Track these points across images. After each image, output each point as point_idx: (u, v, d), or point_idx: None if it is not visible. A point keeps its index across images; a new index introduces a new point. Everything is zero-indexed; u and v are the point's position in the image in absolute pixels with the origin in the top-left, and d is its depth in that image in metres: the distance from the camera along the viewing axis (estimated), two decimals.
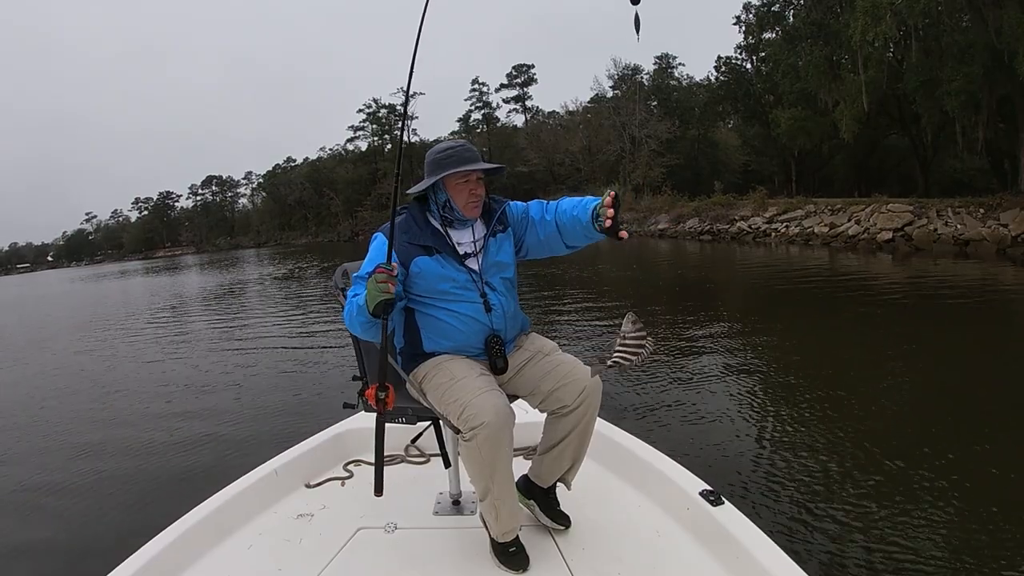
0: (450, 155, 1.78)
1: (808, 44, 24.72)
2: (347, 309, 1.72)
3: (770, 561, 1.55)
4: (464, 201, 1.80)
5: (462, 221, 1.84)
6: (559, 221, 1.81)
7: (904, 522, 2.73)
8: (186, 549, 1.84)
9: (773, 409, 4.39)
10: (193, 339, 9.87)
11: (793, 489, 3.13)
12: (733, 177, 36.45)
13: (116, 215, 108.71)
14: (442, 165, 1.77)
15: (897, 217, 16.50)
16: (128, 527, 3.00)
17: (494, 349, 1.80)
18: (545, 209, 1.88)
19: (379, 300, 1.58)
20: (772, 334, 6.89)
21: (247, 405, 5.44)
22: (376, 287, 1.57)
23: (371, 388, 1.64)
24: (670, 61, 44.01)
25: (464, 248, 1.83)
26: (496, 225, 1.87)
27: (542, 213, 1.88)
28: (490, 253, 1.84)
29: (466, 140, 1.88)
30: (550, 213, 1.85)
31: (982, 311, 7.83)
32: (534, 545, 1.80)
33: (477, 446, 1.60)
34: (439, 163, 1.78)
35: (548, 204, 1.89)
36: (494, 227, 1.86)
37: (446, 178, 1.78)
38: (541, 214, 1.88)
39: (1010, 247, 13.60)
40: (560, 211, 1.82)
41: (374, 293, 1.58)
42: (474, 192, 1.80)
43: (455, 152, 1.79)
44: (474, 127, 61.80)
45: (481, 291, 1.81)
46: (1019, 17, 15.66)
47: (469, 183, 1.79)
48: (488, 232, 1.86)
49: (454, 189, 1.80)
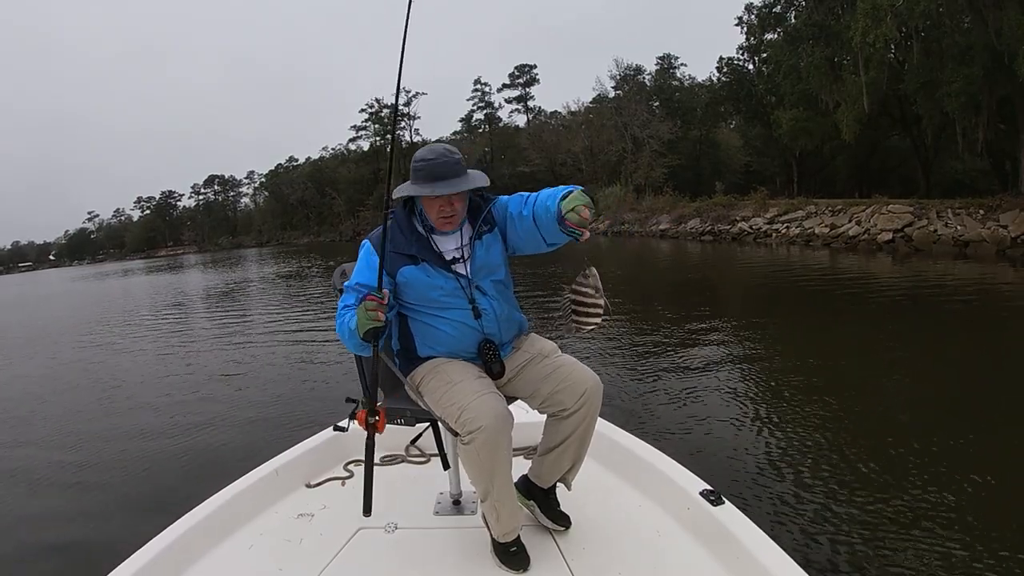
0: (423, 168, 1.68)
1: (809, 45, 24.69)
2: (339, 324, 1.71)
3: (771, 561, 1.55)
4: (435, 217, 1.74)
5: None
6: (536, 213, 1.69)
7: (904, 522, 2.72)
8: (187, 549, 1.84)
9: (774, 409, 4.39)
10: (194, 338, 9.89)
11: (794, 489, 3.12)
12: (735, 178, 36.40)
13: (118, 214, 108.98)
14: (415, 178, 1.70)
15: (897, 218, 16.49)
16: (128, 527, 2.99)
17: (488, 355, 1.77)
18: (524, 202, 1.76)
19: (369, 328, 1.58)
20: (773, 334, 6.88)
21: (247, 405, 5.45)
22: (366, 315, 1.56)
23: (361, 412, 1.65)
24: (672, 61, 44.00)
25: (450, 254, 1.78)
26: (482, 226, 1.78)
27: (520, 207, 1.76)
28: (477, 257, 1.78)
29: (449, 148, 1.71)
30: (528, 207, 1.73)
31: (980, 312, 7.83)
32: (535, 545, 1.80)
33: (475, 449, 1.59)
34: (413, 174, 1.71)
35: (528, 196, 1.77)
36: (480, 228, 1.78)
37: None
38: (519, 208, 1.76)
39: (1009, 248, 13.59)
40: (537, 203, 1.70)
41: (364, 320, 1.57)
42: (444, 209, 1.71)
43: (429, 167, 1.67)
44: (476, 127, 61.90)
45: (469, 296, 1.76)
46: (1019, 18, 15.64)
47: (439, 200, 1.70)
48: (474, 235, 1.78)
49: (426, 203, 1.74)
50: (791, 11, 28.08)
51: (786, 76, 26.41)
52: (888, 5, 17.78)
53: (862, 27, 18.65)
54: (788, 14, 28.29)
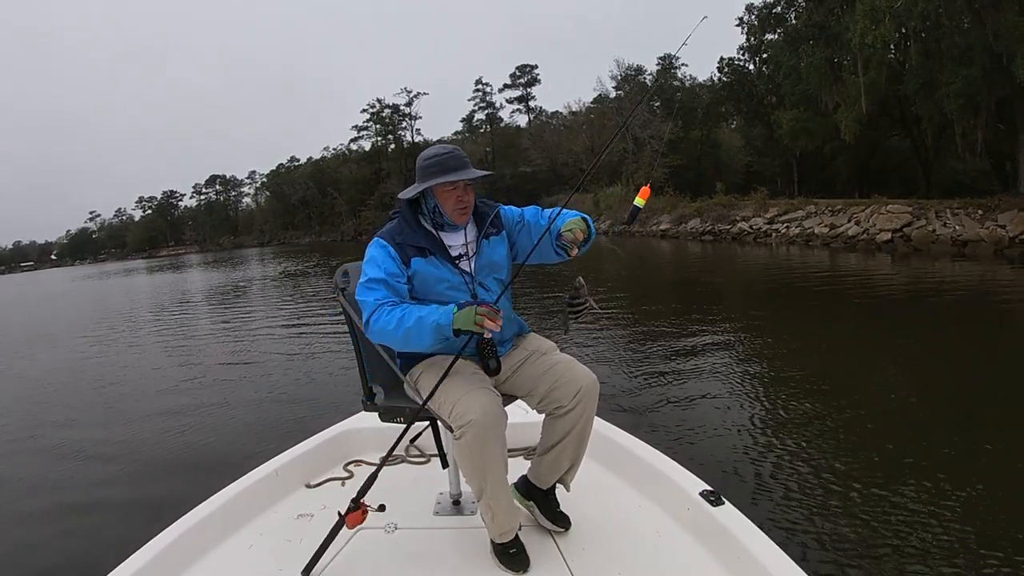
0: (436, 163, 1.78)
1: (809, 46, 24.71)
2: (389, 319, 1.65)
3: (770, 561, 1.55)
4: (451, 208, 1.81)
5: (452, 225, 1.85)
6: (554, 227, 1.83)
7: (904, 521, 2.73)
8: (187, 549, 1.84)
9: (773, 409, 4.39)
10: (194, 338, 9.90)
11: (794, 489, 3.13)
12: (736, 178, 36.37)
13: (120, 214, 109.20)
14: (429, 173, 1.78)
15: (896, 218, 16.55)
16: (129, 526, 3.00)
17: (485, 350, 1.79)
18: (541, 214, 1.94)
19: (470, 330, 1.59)
20: (772, 334, 6.88)
21: (247, 405, 5.45)
22: (475, 318, 1.56)
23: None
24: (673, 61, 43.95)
25: (456, 250, 1.84)
26: (489, 228, 1.88)
27: (537, 217, 1.93)
28: (483, 254, 1.85)
29: (455, 146, 1.87)
30: (545, 218, 1.90)
31: (978, 310, 7.90)
32: (534, 545, 1.80)
33: (467, 444, 1.60)
34: (426, 170, 1.79)
35: (544, 211, 1.95)
36: (487, 229, 1.87)
37: (434, 186, 1.78)
38: (536, 218, 1.93)
39: (1007, 248, 13.66)
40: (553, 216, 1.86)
41: (468, 320, 1.57)
42: (461, 199, 1.80)
43: (441, 160, 1.78)
44: (477, 127, 61.93)
45: (472, 292, 1.82)
46: (1016, 20, 15.73)
47: (456, 190, 1.79)
48: (480, 234, 1.87)
49: (442, 196, 1.81)
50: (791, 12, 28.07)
51: (786, 77, 26.41)
52: (887, 6, 17.82)
53: (861, 28, 18.69)
54: (788, 15, 28.28)
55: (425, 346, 1.67)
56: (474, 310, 1.57)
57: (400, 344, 1.73)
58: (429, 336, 1.62)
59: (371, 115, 65.77)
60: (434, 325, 1.61)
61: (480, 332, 1.59)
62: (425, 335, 1.63)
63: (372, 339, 1.74)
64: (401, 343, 1.71)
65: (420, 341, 1.65)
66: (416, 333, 1.63)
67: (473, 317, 1.57)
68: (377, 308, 1.69)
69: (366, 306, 1.71)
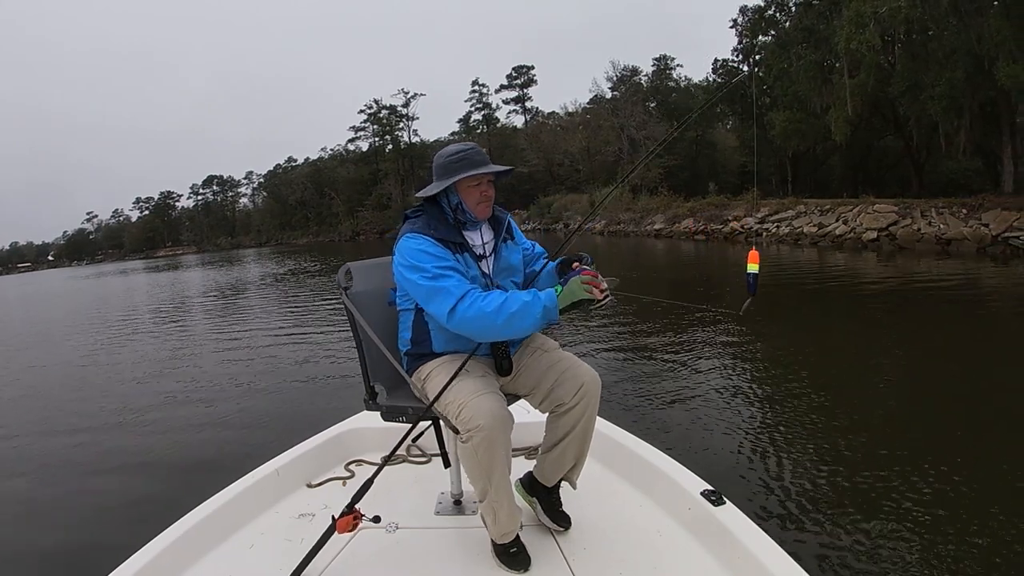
0: (462, 158, 1.80)
1: (800, 49, 24.88)
2: (488, 307, 1.62)
3: (771, 561, 1.56)
4: (476, 202, 1.83)
5: (474, 223, 1.87)
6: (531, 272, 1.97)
7: (904, 521, 2.74)
8: (188, 549, 1.84)
9: (774, 408, 4.40)
10: (194, 338, 9.86)
11: (794, 489, 3.14)
12: (731, 178, 36.42)
13: (117, 215, 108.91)
14: (454, 169, 1.79)
15: (882, 217, 16.82)
16: (129, 527, 2.99)
17: (500, 350, 1.83)
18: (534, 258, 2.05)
19: (582, 300, 1.61)
20: (767, 331, 6.89)
21: (248, 405, 5.44)
22: (582, 288, 1.60)
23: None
24: (668, 63, 44.06)
25: (477, 250, 1.86)
26: (505, 234, 1.93)
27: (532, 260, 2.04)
28: (502, 257, 1.89)
29: (475, 143, 1.91)
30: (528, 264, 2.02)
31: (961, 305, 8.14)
32: (535, 545, 1.81)
33: (474, 448, 1.61)
34: (450, 166, 1.80)
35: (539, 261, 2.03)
36: (504, 235, 1.92)
37: (458, 181, 1.79)
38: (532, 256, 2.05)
39: (990, 245, 13.92)
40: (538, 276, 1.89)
41: (578, 291, 1.60)
42: (485, 193, 1.83)
43: (466, 155, 1.81)
44: (474, 128, 61.78)
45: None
46: (999, 24, 16.00)
47: (480, 185, 1.82)
48: (499, 238, 1.91)
49: (466, 192, 1.82)
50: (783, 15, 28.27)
51: (778, 79, 26.56)
52: (871, 12, 18.05)
53: (846, 33, 18.98)
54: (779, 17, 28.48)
55: (524, 330, 1.65)
56: (577, 281, 1.61)
57: (494, 331, 1.65)
58: (536, 321, 1.62)
59: (368, 116, 65.62)
60: (543, 309, 1.61)
61: (592, 298, 1.60)
62: (529, 320, 1.61)
63: (455, 327, 1.67)
64: (498, 329, 1.64)
65: (522, 325, 1.62)
66: (520, 318, 1.61)
67: (580, 288, 1.60)
68: (466, 294, 1.65)
69: (448, 294, 1.65)
